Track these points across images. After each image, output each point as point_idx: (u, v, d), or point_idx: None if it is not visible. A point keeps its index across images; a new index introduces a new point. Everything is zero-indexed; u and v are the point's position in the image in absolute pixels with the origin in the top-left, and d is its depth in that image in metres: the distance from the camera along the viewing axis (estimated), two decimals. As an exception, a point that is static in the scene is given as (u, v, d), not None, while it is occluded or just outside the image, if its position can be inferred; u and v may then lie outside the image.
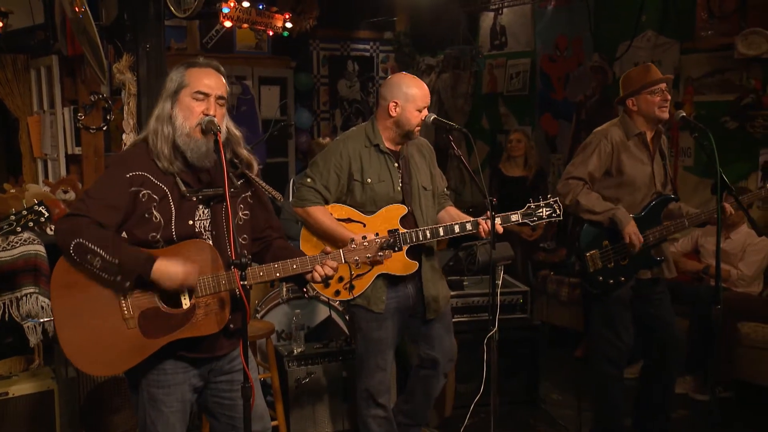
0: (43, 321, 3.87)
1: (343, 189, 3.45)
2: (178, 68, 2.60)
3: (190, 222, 2.55)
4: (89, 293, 2.47)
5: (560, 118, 7.25)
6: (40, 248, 3.96)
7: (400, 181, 3.47)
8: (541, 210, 3.42)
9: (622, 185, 3.80)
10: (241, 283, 2.40)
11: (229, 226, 2.51)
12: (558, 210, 3.44)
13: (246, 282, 2.42)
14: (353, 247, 2.71)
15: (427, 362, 3.64)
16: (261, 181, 2.73)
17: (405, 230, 3.35)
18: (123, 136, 4.86)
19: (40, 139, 6.17)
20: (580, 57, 6.99)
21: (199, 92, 2.54)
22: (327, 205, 3.44)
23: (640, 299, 3.88)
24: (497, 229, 3.25)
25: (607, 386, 3.92)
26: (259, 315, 4.54)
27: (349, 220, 3.42)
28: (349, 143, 3.48)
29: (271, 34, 5.66)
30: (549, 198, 3.45)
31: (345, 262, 2.70)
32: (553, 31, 7.27)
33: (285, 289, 4.62)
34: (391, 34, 8.88)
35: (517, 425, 4.50)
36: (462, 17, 7.97)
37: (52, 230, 2.81)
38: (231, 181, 2.62)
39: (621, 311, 3.85)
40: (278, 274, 2.60)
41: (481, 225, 3.32)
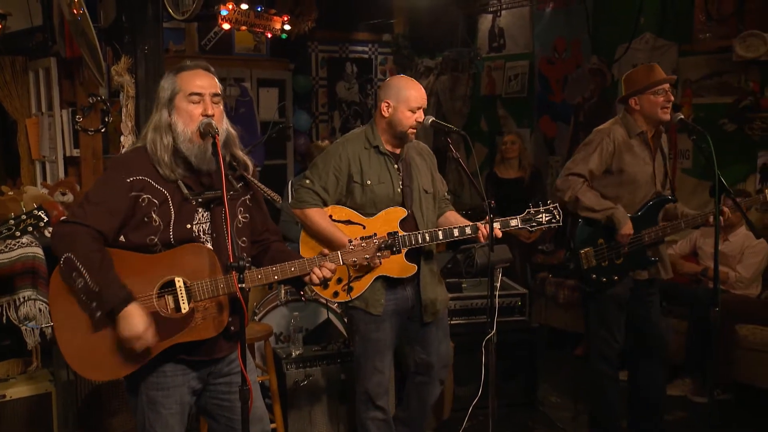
0: (41, 325, 3.87)
1: (342, 191, 3.44)
2: (167, 76, 2.60)
3: (189, 226, 2.54)
4: (88, 297, 2.46)
5: (559, 121, 7.26)
6: (39, 251, 3.96)
7: (401, 183, 3.46)
8: (540, 215, 3.40)
9: (623, 184, 3.81)
10: (239, 286, 2.40)
11: (228, 230, 2.51)
12: (558, 216, 3.42)
13: (244, 285, 2.41)
14: (351, 249, 2.70)
15: (421, 367, 3.63)
16: (259, 183, 2.73)
17: (404, 233, 3.34)
18: (121, 138, 4.86)
19: (39, 141, 6.16)
20: (578, 59, 6.99)
21: (193, 94, 2.54)
22: (326, 206, 3.44)
23: (634, 300, 3.89)
24: (496, 234, 3.24)
25: (604, 385, 3.93)
26: (257, 317, 4.53)
27: (349, 222, 3.41)
28: (349, 145, 3.47)
29: (270, 36, 5.67)
30: (549, 204, 3.43)
31: (343, 263, 2.69)
32: (551, 33, 7.27)
33: (283, 291, 4.61)
34: (390, 36, 8.88)
35: (515, 428, 4.50)
36: (460, 19, 7.97)
37: (50, 233, 2.80)
38: (231, 184, 2.62)
39: (615, 311, 3.87)
40: (276, 277, 2.60)
41: (480, 230, 3.31)
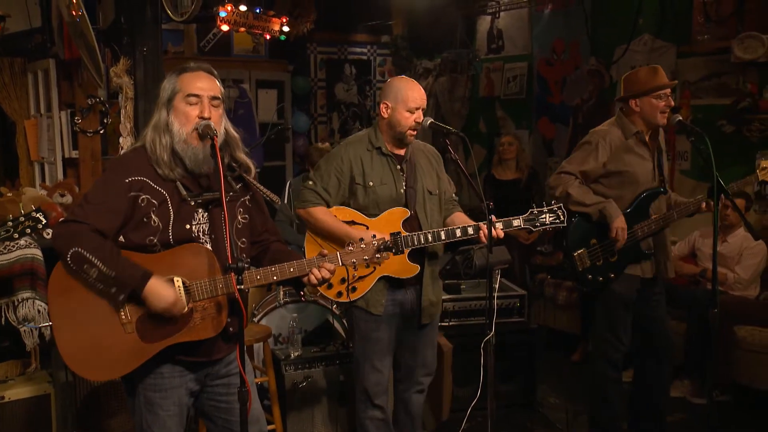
0: (40, 327, 3.86)
1: (344, 193, 3.46)
2: (170, 76, 2.60)
3: (188, 226, 2.54)
4: (87, 298, 2.46)
5: (557, 122, 7.26)
6: (37, 252, 3.95)
7: (404, 184, 3.47)
8: (544, 216, 3.35)
9: (624, 184, 3.80)
10: (239, 287, 2.40)
11: (227, 231, 2.51)
12: (562, 216, 3.36)
13: (243, 286, 2.41)
14: (350, 250, 2.69)
15: (404, 374, 3.66)
16: (258, 185, 2.73)
17: (407, 233, 3.35)
18: (120, 139, 4.85)
19: (37, 143, 6.17)
20: (577, 61, 7.00)
21: (191, 95, 2.54)
22: (328, 208, 3.45)
23: (640, 301, 3.88)
24: (499, 234, 3.24)
25: (607, 389, 3.92)
26: (256, 319, 4.53)
27: (352, 223, 3.43)
28: (351, 148, 3.49)
29: (269, 37, 5.66)
30: (553, 204, 3.39)
31: (342, 264, 2.68)
32: (550, 34, 7.28)
33: (282, 292, 4.61)
34: (389, 37, 8.88)
35: (514, 429, 4.50)
36: (459, 21, 7.98)
37: (49, 234, 2.80)
38: (229, 185, 2.62)
39: (622, 313, 3.85)
40: (275, 278, 2.59)
41: (482, 230, 3.30)
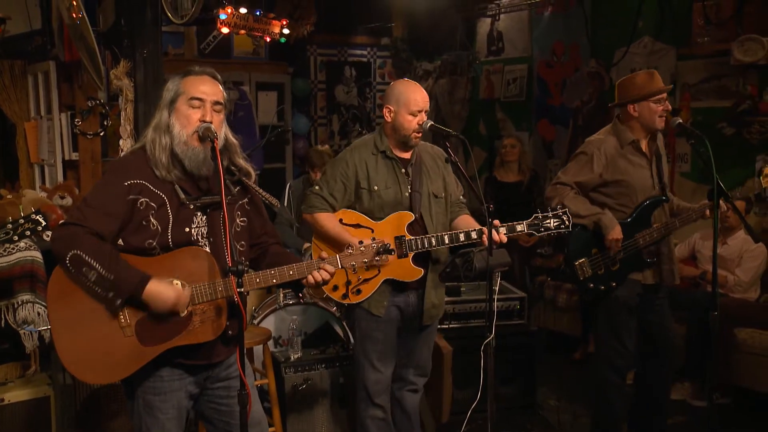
0: (39, 329, 3.86)
1: (350, 197, 3.49)
2: (174, 78, 2.61)
3: (187, 229, 2.54)
4: (86, 301, 2.46)
5: (557, 124, 7.26)
6: (37, 255, 3.95)
7: (409, 188, 3.49)
8: (548, 221, 3.34)
9: (622, 193, 3.79)
10: (238, 290, 2.40)
11: (226, 234, 2.51)
12: (567, 221, 3.34)
13: (243, 288, 2.41)
14: (350, 253, 2.70)
15: (397, 370, 3.65)
16: (258, 188, 2.73)
17: (411, 237, 3.36)
18: (120, 141, 4.86)
19: (37, 145, 6.17)
20: (577, 63, 7.00)
21: (195, 98, 2.55)
22: (334, 212, 3.47)
23: (643, 306, 3.87)
24: (502, 239, 3.24)
25: (609, 394, 3.91)
26: (255, 321, 4.53)
27: (358, 226, 3.45)
28: (356, 152, 3.51)
29: (269, 40, 5.66)
30: (558, 209, 3.37)
31: (342, 267, 2.70)
32: (550, 37, 7.28)
33: (281, 295, 4.61)
34: (389, 39, 8.88)
35: (514, 431, 4.50)
36: (459, 23, 7.98)
37: (48, 237, 2.79)
38: (228, 189, 2.62)
39: (625, 318, 3.84)
40: (275, 281, 2.60)
41: (485, 234, 3.28)
